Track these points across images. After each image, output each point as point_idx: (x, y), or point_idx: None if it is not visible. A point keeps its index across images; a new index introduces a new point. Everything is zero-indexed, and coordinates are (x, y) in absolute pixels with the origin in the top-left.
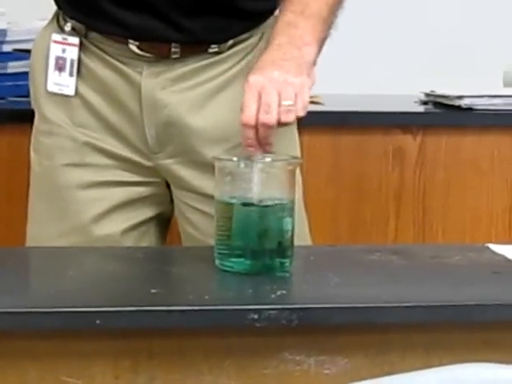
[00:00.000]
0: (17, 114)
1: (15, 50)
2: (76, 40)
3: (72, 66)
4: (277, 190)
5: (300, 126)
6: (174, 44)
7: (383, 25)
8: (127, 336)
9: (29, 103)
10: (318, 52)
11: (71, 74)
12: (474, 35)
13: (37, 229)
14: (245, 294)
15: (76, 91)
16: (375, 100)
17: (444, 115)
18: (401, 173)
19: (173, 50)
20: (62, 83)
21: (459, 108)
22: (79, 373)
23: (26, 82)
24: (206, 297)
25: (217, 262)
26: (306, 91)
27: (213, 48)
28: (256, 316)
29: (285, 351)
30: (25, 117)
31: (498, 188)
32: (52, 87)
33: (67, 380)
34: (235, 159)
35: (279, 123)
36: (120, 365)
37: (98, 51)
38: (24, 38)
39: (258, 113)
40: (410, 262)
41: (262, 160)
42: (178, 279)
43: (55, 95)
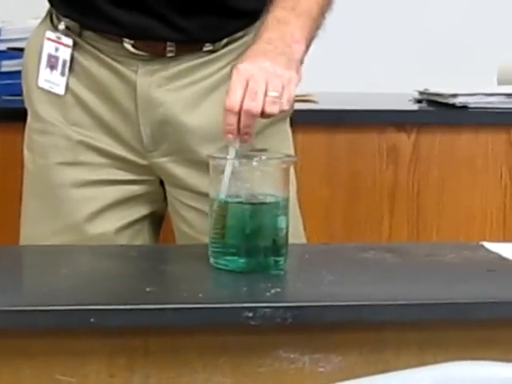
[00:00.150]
0: (10, 113)
1: (9, 49)
2: (69, 41)
3: (64, 66)
4: (271, 188)
5: (294, 125)
6: (169, 43)
7: (378, 23)
8: (122, 334)
9: (22, 102)
10: (306, 51)
11: (62, 74)
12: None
13: (30, 227)
14: (239, 292)
15: (69, 89)
16: (369, 98)
17: (438, 113)
18: (395, 171)
19: (168, 49)
20: (53, 81)
21: (453, 106)
22: (73, 371)
23: (20, 81)
24: (201, 295)
25: (211, 260)
26: (293, 86)
27: (207, 46)
28: (250, 314)
29: (279, 349)
30: (18, 115)
31: (493, 186)
32: (43, 83)
33: (61, 378)
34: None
35: (263, 113)
36: (115, 363)
37: (93, 50)
38: (18, 37)
39: (243, 99)
40: (405, 260)
41: (257, 158)
42: (173, 277)
43: (48, 93)
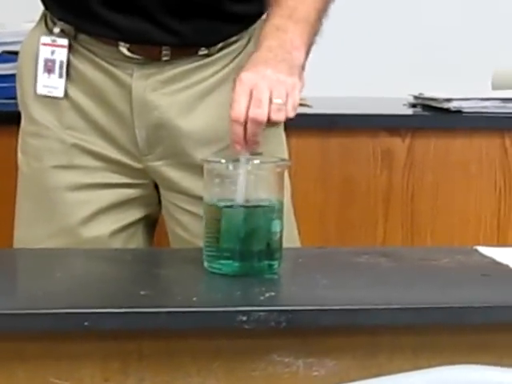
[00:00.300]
0: (5, 116)
1: (3, 52)
2: (65, 41)
3: (61, 68)
4: (265, 192)
5: (288, 129)
6: (165, 47)
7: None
8: (116, 338)
9: (17, 105)
10: (306, 57)
11: (60, 76)
12: (463, 38)
13: (25, 230)
14: (233, 296)
15: (65, 93)
16: (363, 103)
17: (432, 118)
18: (389, 175)
19: (163, 53)
20: (52, 85)
21: (448, 111)
22: (68, 375)
23: (14, 85)
24: (195, 299)
25: (205, 264)
26: (297, 92)
27: (202, 51)
28: (244, 318)
29: (273, 353)
30: (13, 118)
31: (487, 191)
32: (41, 90)
33: (56, 382)
34: (224, 161)
35: (268, 121)
36: (109, 366)
37: (88, 53)
38: (12, 40)
39: (248, 109)
40: (399, 265)
41: (251, 162)
42: (167, 281)
43: (44, 97)
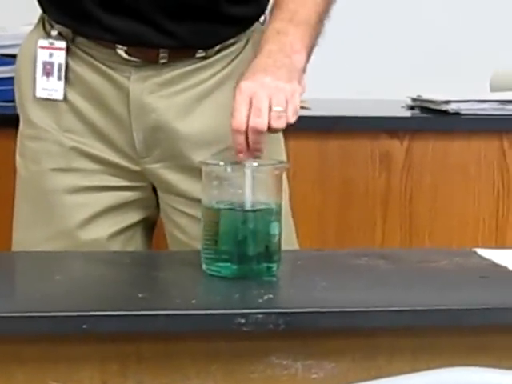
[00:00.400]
0: (3, 119)
1: (1, 56)
2: (63, 44)
3: (60, 70)
4: (264, 195)
5: (286, 131)
6: (162, 49)
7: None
8: (114, 340)
9: (15, 108)
10: (307, 60)
11: (59, 78)
12: (461, 40)
13: (23, 233)
14: (232, 299)
15: (64, 96)
16: (362, 105)
17: (431, 120)
18: (388, 178)
19: (161, 55)
20: (51, 88)
21: (446, 113)
22: (66, 377)
23: (13, 87)
24: (193, 301)
25: (204, 267)
26: (297, 98)
27: (200, 53)
28: (243, 320)
29: (272, 355)
30: (11, 121)
31: (485, 193)
32: (40, 93)
33: None
34: (222, 164)
35: (269, 129)
36: (107, 369)
37: (85, 56)
38: (10, 44)
39: (249, 118)
40: (397, 267)
41: (249, 164)
42: (165, 284)
43: (42, 100)
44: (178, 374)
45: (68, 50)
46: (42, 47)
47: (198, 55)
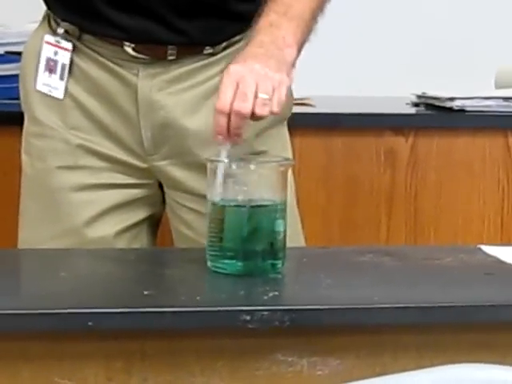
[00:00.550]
0: (8, 117)
1: (6, 53)
2: (69, 45)
3: (63, 70)
4: (268, 192)
5: (291, 128)
6: (171, 46)
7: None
8: (119, 337)
9: (20, 106)
10: (298, 55)
11: (61, 78)
12: (466, 37)
13: (29, 231)
14: (237, 296)
15: (68, 93)
16: (367, 102)
17: (435, 117)
18: (392, 175)
19: (169, 52)
20: (52, 85)
21: (451, 110)
22: (71, 374)
23: (17, 85)
24: (198, 298)
25: (209, 264)
26: (284, 89)
27: (207, 50)
28: (248, 317)
29: (277, 352)
30: (15, 119)
31: (490, 190)
32: (41, 87)
33: (59, 381)
34: (227, 161)
35: (252, 115)
36: (112, 366)
37: (92, 53)
38: (15, 41)
39: (234, 101)
40: (402, 264)
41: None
42: (171, 281)
43: (47, 97)
44: (183, 371)
45: (74, 47)
46: (48, 43)
47: (206, 52)
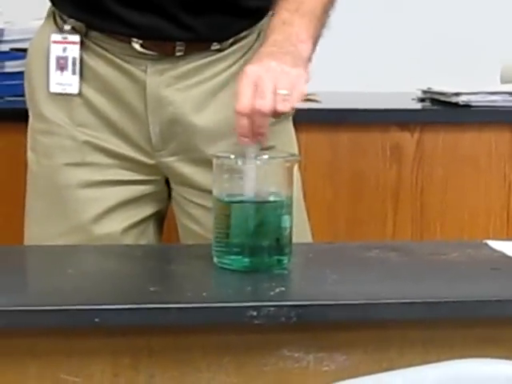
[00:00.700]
0: (14, 114)
1: (12, 50)
2: (77, 38)
3: (74, 64)
4: (275, 187)
5: (297, 124)
6: (179, 42)
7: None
8: (126, 334)
9: (25, 102)
10: (313, 50)
11: (74, 72)
12: (472, 32)
13: (36, 228)
14: (243, 291)
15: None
16: (372, 97)
17: (441, 112)
18: (398, 170)
19: (177, 48)
20: (65, 82)
21: (457, 105)
22: (78, 370)
23: (22, 82)
24: (205, 294)
25: (215, 260)
26: (302, 83)
27: (215, 45)
28: (255, 313)
29: (283, 348)
30: (21, 116)
31: (496, 185)
32: (55, 88)
33: (66, 378)
34: (233, 156)
35: (274, 112)
36: (119, 362)
37: (99, 49)
38: (21, 38)
39: (253, 101)
40: (409, 259)
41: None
42: (177, 277)
43: (53, 94)
44: (190, 367)
45: (81, 44)
46: (55, 42)
47: (213, 48)
